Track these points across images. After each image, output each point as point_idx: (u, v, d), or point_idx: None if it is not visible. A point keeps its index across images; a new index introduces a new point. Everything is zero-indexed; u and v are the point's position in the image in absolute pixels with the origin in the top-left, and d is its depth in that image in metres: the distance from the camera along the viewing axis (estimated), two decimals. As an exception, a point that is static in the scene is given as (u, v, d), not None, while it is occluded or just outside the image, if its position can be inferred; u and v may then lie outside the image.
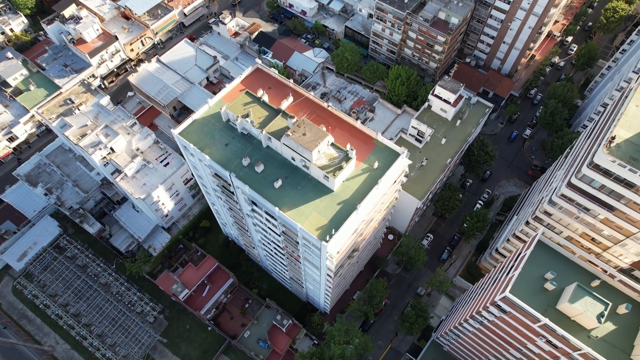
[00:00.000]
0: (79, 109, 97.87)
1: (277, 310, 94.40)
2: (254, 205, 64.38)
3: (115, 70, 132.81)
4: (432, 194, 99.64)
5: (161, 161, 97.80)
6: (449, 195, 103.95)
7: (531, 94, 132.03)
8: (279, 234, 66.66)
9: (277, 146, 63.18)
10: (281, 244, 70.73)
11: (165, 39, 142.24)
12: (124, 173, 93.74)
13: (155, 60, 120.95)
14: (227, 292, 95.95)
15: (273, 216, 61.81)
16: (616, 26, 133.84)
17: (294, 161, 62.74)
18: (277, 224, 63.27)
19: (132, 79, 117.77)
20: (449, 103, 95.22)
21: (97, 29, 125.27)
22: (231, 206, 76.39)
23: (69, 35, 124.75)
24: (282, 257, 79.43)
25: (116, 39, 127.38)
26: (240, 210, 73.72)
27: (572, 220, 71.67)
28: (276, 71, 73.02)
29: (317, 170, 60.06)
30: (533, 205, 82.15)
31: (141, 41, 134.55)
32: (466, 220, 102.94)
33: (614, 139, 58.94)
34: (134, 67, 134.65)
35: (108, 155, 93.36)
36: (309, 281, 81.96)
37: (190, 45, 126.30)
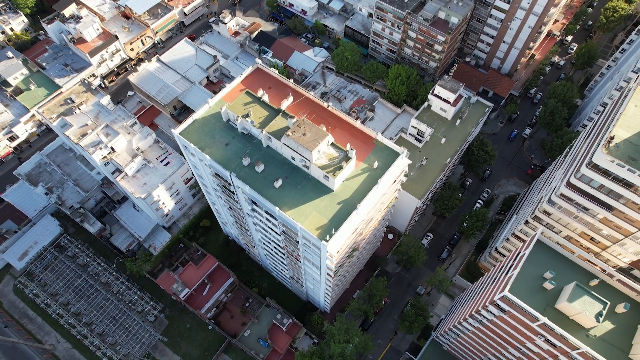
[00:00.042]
0: (79, 109, 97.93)
1: (277, 309, 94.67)
2: (254, 204, 64.60)
3: (116, 69, 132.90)
4: (432, 193, 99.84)
5: (161, 161, 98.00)
6: (449, 195, 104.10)
7: (531, 93, 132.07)
8: (279, 233, 66.88)
9: (277, 146, 63.37)
10: (281, 243, 70.95)
11: (165, 38, 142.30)
12: (124, 172, 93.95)
13: (156, 59, 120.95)
14: (227, 291, 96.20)
15: (273, 216, 62.01)
16: (616, 25, 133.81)
17: (294, 161, 62.93)
18: (277, 224, 63.47)
19: (133, 78, 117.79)
20: (448, 102, 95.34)
21: (97, 29, 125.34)
22: (231, 206, 76.58)
23: (69, 34, 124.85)
24: (282, 257, 79.60)
25: (116, 38, 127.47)
26: (240, 209, 73.92)
27: (571, 220, 71.89)
28: (276, 71, 73.15)
29: (317, 170, 60.24)
30: (532, 205, 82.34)
31: (141, 40, 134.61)
32: (466, 220, 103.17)
33: (612, 138, 59.13)
34: (134, 67, 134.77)
35: (108, 155, 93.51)
36: (309, 280, 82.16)
37: (190, 44, 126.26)
